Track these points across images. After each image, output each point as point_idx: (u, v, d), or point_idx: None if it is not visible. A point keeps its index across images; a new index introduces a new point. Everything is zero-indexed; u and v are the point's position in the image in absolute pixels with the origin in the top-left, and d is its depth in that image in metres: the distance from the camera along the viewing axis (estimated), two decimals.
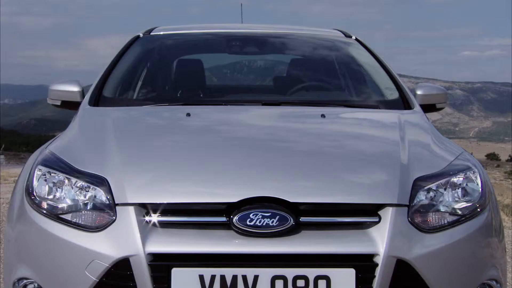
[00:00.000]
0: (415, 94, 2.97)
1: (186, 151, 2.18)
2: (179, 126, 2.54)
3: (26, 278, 1.97)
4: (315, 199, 1.90)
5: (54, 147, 2.26)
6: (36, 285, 1.96)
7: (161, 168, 2.03)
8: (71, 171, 2.03)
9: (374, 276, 1.79)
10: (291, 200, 1.86)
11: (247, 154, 2.13)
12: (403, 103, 2.89)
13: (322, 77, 3.49)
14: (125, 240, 1.82)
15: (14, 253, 2.04)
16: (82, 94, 2.87)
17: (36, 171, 2.08)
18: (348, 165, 2.11)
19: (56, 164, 2.08)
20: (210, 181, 1.95)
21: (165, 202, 1.87)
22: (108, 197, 1.91)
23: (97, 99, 2.81)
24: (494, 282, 2.03)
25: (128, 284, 1.79)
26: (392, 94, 3.02)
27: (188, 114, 2.54)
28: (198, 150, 2.17)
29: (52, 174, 2.04)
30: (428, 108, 2.96)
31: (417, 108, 2.84)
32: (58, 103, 2.94)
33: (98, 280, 1.82)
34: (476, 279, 1.98)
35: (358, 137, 2.46)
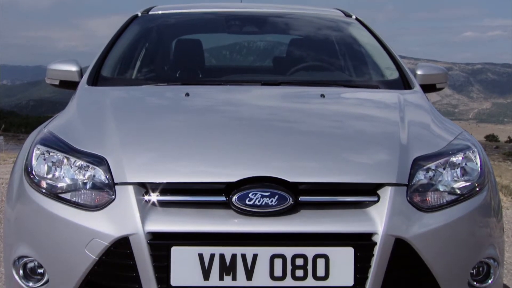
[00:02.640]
0: (415, 74, 2.96)
1: (185, 130, 2.18)
2: (178, 106, 2.54)
3: (26, 257, 1.98)
4: (314, 179, 1.90)
5: (53, 126, 2.25)
6: (36, 263, 1.97)
7: (160, 147, 2.02)
8: (70, 150, 2.02)
9: (373, 255, 1.80)
10: (290, 180, 1.86)
11: (246, 134, 2.13)
12: (403, 83, 2.88)
13: (322, 57, 3.48)
14: (124, 219, 1.82)
15: (14, 232, 2.05)
16: (81, 73, 2.86)
17: (34, 151, 2.07)
18: (347, 145, 2.11)
19: (55, 144, 2.08)
20: (209, 161, 1.95)
21: (164, 181, 1.87)
22: (107, 176, 1.91)
23: (96, 79, 2.80)
24: (491, 261, 2.04)
25: (128, 262, 1.80)
26: (392, 74, 3.01)
27: (187, 94, 2.53)
28: (197, 130, 2.17)
29: (51, 154, 2.04)
30: (428, 88, 2.95)
31: (417, 88, 2.83)
32: (56, 82, 2.93)
33: (98, 259, 1.82)
34: (474, 257, 1.99)
35: (357, 117, 2.46)
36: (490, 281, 2.04)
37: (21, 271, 1.99)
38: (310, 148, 2.04)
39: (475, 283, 2.01)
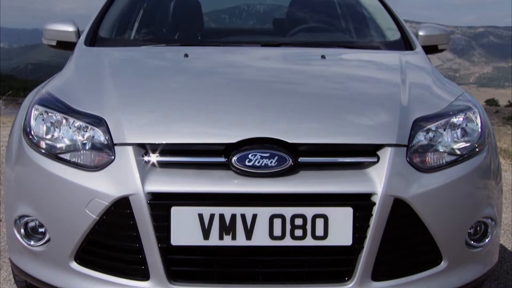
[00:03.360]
0: (417, 35, 2.92)
1: (185, 91, 2.16)
2: (177, 67, 2.52)
3: (27, 216, 1.99)
4: (314, 140, 1.89)
5: (51, 87, 2.24)
6: (37, 222, 1.98)
7: (159, 108, 2.01)
8: (69, 111, 2.01)
9: (371, 215, 1.81)
10: (289, 141, 1.85)
11: (246, 95, 2.12)
12: (404, 44, 2.85)
13: (323, 18, 3.43)
14: (124, 179, 1.82)
15: (14, 192, 2.05)
16: (78, 34, 2.83)
17: (33, 111, 2.06)
18: (347, 106, 2.10)
19: (53, 104, 2.06)
20: (209, 122, 1.94)
21: (163, 142, 1.86)
22: (107, 137, 1.90)
23: (93, 39, 2.77)
24: (489, 220, 2.06)
25: (128, 222, 1.81)
26: (393, 34, 2.98)
27: (186, 55, 2.51)
28: (197, 91, 2.15)
29: (49, 114, 2.03)
30: (430, 49, 2.92)
31: (419, 49, 2.80)
32: (54, 43, 2.90)
33: (98, 218, 1.83)
34: (472, 217, 2.00)
35: (357, 78, 2.44)
36: (487, 240, 2.06)
37: (22, 230, 2.01)
38: (310, 110, 2.03)
39: (472, 242, 2.03)
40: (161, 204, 1.80)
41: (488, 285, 2.76)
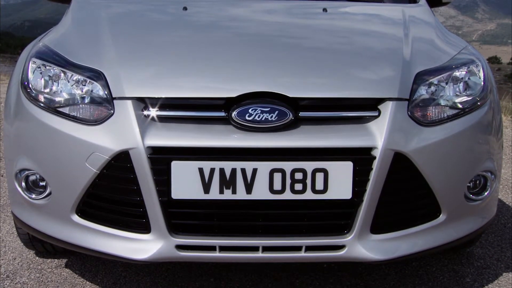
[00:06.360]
0: None
1: (184, 45, 2.13)
2: (177, 20, 2.47)
3: (28, 169, 1.99)
4: (314, 94, 1.88)
5: (48, 40, 2.20)
6: (38, 176, 1.99)
7: (158, 62, 1.99)
8: (67, 64, 1.99)
9: (371, 169, 1.81)
10: (290, 95, 1.84)
11: (246, 49, 2.09)
12: None
13: None
14: (124, 133, 1.81)
15: (14, 146, 2.05)
16: None
17: (30, 64, 2.04)
18: (349, 61, 2.07)
19: (51, 57, 2.04)
20: (208, 76, 1.92)
21: (163, 96, 1.85)
22: (106, 91, 1.88)
23: None
24: (489, 174, 2.06)
25: (129, 176, 1.81)
26: None
27: (185, 8, 2.46)
28: (196, 45, 2.12)
29: (47, 67, 2.00)
30: (434, 2, 2.87)
31: (422, 1, 2.74)
32: None
33: (98, 172, 1.84)
34: (472, 170, 2.01)
35: (360, 32, 2.40)
36: (486, 193, 2.08)
37: (23, 184, 2.02)
38: (311, 64, 2.01)
39: (471, 195, 2.04)
40: (161, 158, 1.79)
41: (486, 238, 2.80)
